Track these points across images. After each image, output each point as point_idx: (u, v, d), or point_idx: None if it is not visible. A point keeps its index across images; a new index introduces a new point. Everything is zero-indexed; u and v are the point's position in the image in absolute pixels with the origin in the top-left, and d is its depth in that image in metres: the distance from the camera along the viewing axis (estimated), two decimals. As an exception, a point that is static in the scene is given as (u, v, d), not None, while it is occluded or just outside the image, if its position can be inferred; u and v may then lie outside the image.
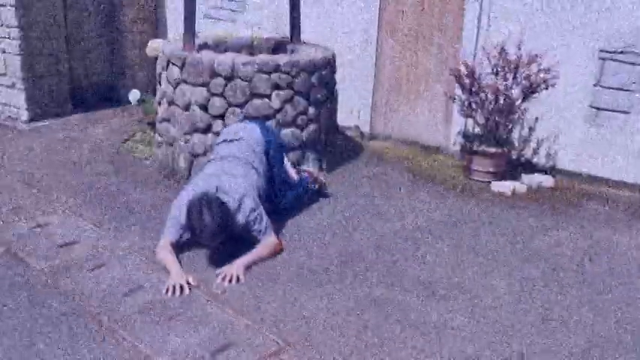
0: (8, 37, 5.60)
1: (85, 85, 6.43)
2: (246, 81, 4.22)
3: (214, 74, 4.22)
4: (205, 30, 6.00)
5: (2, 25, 5.58)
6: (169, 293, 2.92)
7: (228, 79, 4.21)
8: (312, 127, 4.55)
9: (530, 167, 4.98)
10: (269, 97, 4.29)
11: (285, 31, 5.36)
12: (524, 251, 3.62)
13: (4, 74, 5.76)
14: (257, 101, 4.27)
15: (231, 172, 3.42)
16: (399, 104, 5.64)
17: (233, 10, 6.39)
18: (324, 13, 5.77)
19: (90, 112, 6.18)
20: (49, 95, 5.93)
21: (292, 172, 4.12)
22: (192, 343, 2.58)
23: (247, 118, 4.19)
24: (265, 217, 3.36)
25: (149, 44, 5.39)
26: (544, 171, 4.91)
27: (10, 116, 5.86)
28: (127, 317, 2.75)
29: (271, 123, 4.29)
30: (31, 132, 5.52)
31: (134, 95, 5.81)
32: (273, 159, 3.77)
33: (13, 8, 5.46)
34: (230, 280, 3.04)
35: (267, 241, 3.34)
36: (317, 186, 4.25)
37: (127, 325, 2.69)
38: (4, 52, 5.67)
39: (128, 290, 2.98)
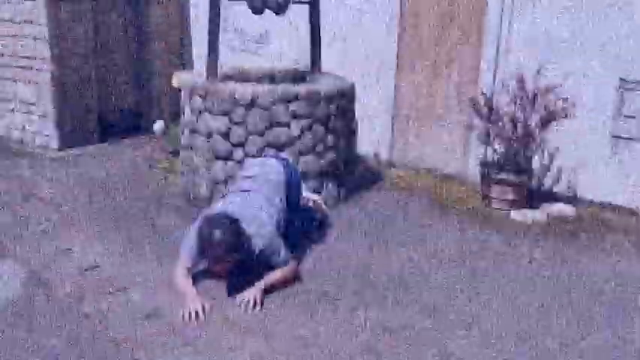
0: (41, 69, 5.83)
1: (112, 115, 6.64)
2: (266, 110, 4.32)
3: (235, 104, 4.33)
4: (229, 61, 6.16)
5: (36, 58, 5.83)
6: (186, 318, 2.97)
7: (249, 108, 4.32)
8: (330, 155, 4.62)
9: (551, 196, 4.95)
10: (288, 125, 4.38)
11: (307, 62, 5.47)
12: (543, 281, 3.59)
13: (37, 103, 5.98)
14: (277, 130, 4.36)
15: (251, 204, 3.41)
16: (418, 133, 5.69)
17: (257, 43, 6.56)
18: (344, 44, 5.90)
19: (117, 141, 6.37)
20: (78, 124, 6.13)
21: (305, 201, 4.19)
22: (208, 367, 2.62)
23: (269, 154, 4.25)
24: (285, 248, 3.36)
25: (175, 76, 5.56)
26: (565, 200, 4.88)
27: (41, 144, 6.07)
28: (145, 341, 2.80)
29: (290, 151, 4.39)
30: (60, 160, 5.70)
31: (159, 126, 5.98)
32: (292, 194, 3.79)
33: (47, 41, 5.71)
34: (253, 306, 3.07)
35: (285, 267, 3.34)
36: (321, 215, 4.24)
37: (144, 348, 2.75)
38: (36, 82, 5.91)
39: (147, 314, 3.04)
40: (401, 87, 5.68)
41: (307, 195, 4.29)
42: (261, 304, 3.10)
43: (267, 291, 3.22)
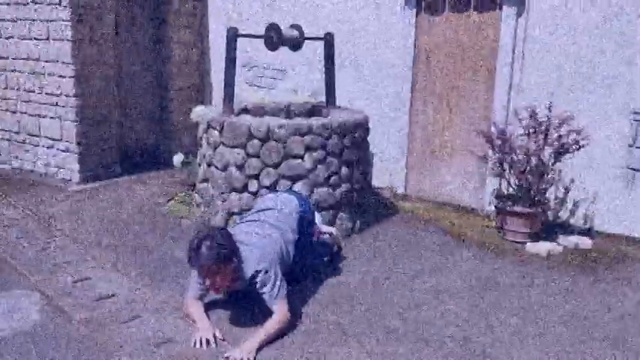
0: (66, 106, 6.03)
1: (133, 149, 6.81)
2: (280, 142, 4.41)
3: (251, 137, 4.43)
4: (247, 95, 6.32)
5: (61, 95, 6.03)
6: (197, 345, 2.99)
7: (264, 141, 4.41)
8: (344, 187, 4.67)
9: (567, 228, 4.92)
10: (302, 157, 4.46)
11: (322, 96, 5.59)
12: (559, 313, 3.54)
13: (60, 139, 6.17)
14: (291, 162, 4.44)
15: (256, 232, 3.42)
16: (433, 165, 5.73)
17: (273, 78, 6.72)
18: (359, 79, 6.01)
19: (137, 175, 6.50)
20: (99, 159, 6.29)
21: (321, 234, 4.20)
22: (217, 395, 2.63)
23: (282, 190, 4.31)
24: (280, 284, 3.20)
25: (193, 110, 5.71)
26: (581, 232, 4.84)
27: (63, 178, 6.22)
28: (156, 368, 2.84)
29: (304, 183, 4.45)
30: (80, 193, 5.84)
31: (178, 158, 6.10)
32: (305, 229, 3.76)
33: (72, 79, 5.92)
34: None
35: (277, 315, 3.14)
36: (336, 248, 4.25)
37: (155, 375, 2.77)
38: (60, 118, 6.10)
39: (160, 342, 3.07)
40: (415, 120, 5.74)
41: (322, 227, 4.33)
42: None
43: (259, 348, 3.00)
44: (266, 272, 3.17)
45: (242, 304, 3.43)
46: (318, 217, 4.26)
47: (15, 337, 3.08)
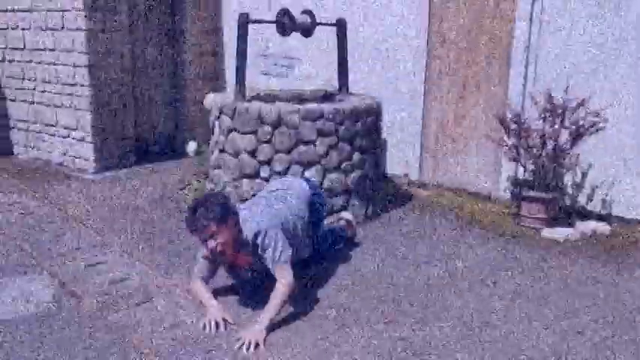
0: (81, 95, 6.07)
1: (148, 139, 6.83)
2: (292, 128, 4.38)
3: (262, 122, 4.41)
4: (260, 84, 6.29)
5: (76, 84, 6.07)
6: (207, 329, 2.99)
7: (275, 126, 4.39)
8: (356, 173, 4.64)
9: (584, 214, 4.82)
10: (314, 143, 4.43)
11: (335, 84, 5.54)
12: (576, 297, 3.48)
13: (76, 128, 6.21)
14: (302, 147, 4.41)
15: (260, 202, 3.41)
16: (448, 152, 5.66)
17: (286, 67, 6.69)
18: (372, 65, 5.95)
19: (152, 164, 6.53)
20: (115, 148, 6.33)
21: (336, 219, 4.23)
22: (226, 375, 2.63)
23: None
24: (282, 247, 3.09)
25: (206, 97, 5.69)
26: (599, 218, 4.74)
27: (79, 167, 6.27)
28: (169, 349, 2.83)
29: (316, 168, 4.42)
30: (96, 182, 5.88)
31: (191, 147, 6.13)
32: (315, 214, 3.70)
33: (87, 69, 5.95)
34: (249, 347, 2.81)
35: (280, 283, 3.06)
36: (350, 234, 4.23)
37: (167, 356, 2.77)
38: (76, 108, 6.14)
39: (171, 325, 3.08)
40: (430, 106, 5.68)
41: (339, 214, 4.34)
42: (261, 346, 2.84)
43: (272, 322, 3.00)
44: (267, 233, 3.07)
45: (250, 289, 3.42)
46: (347, 214, 4.33)
47: (28, 319, 3.11)
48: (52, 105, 6.38)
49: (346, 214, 4.37)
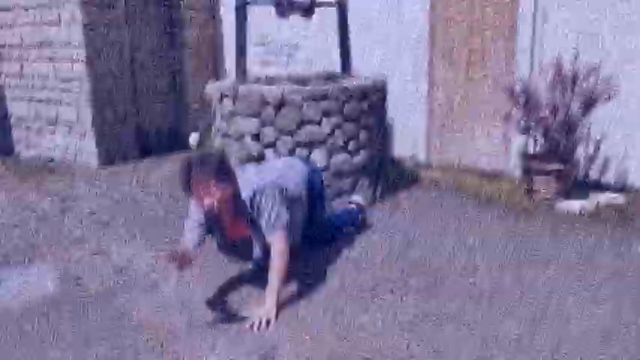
0: (80, 90, 5.99)
1: (150, 132, 6.75)
2: (295, 109, 4.28)
3: (265, 104, 4.31)
4: (261, 71, 6.21)
5: (75, 79, 6.00)
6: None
7: (278, 107, 4.29)
8: (363, 153, 4.53)
9: (598, 187, 4.70)
10: (319, 123, 4.33)
11: (337, 68, 5.43)
12: (594, 265, 3.36)
13: (77, 123, 6.14)
14: (307, 128, 4.31)
15: (260, 169, 3.29)
16: (455, 131, 5.55)
17: (287, 55, 6.59)
18: (374, 46, 5.85)
19: (155, 157, 6.45)
20: (117, 142, 6.25)
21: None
22: (238, 353, 2.53)
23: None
24: (279, 210, 2.92)
25: (208, 86, 5.60)
26: (614, 190, 4.62)
27: (81, 162, 6.20)
28: (175, 331, 2.75)
29: (322, 149, 4.32)
30: (99, 175, 5.80)
31: (194, 138, 6.04)
32: (315, 196, 3.50)
33: (85, 63, 5.87)
34: (259, 326, 2.72)
35: (275, 251, 2.90)
36: (361, 217, 4.09)
37: (174, 338, 2.69)
38: (76, 102, 6.07)
39: (177, 307, 2.99)
40: (435, 84, 5.57)
41: (349, 198, 4.26)
42: (276, 318, 2.78)
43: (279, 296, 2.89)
44: (264, 193, 2.91)
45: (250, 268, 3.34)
46: (357, 198, 4.23)
47: (31, 305, 3.03)
48: (52, 101, 6.30)
49: (356, 197, 4.26)
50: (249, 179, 3.01)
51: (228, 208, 2.94)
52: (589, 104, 4.28)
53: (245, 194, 2.93)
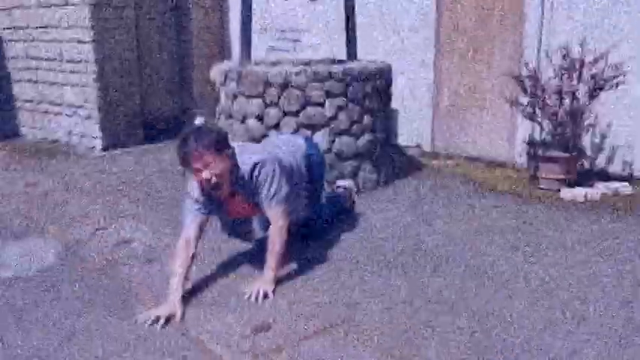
0: (86, 72, 5.98)
1: (156, 117, 6.74)
2: (299, 90, 4.26)
3: (268, 85, 4.29)
4: (265, 57, 6.19)
5: (81, 61, 5.99)
6: (145, 322, 2.55)
7: (282, 88, 4.26)
8: (367, 136, 4.50)
9: (605, 177, 4.65)
10: (322, 105, 4.30)
11: (343, 57, 5.39)
12: (598, 250, 3.32)
13: (82, 106, 6.13)
14: (311, 109, 4.28)
15: (259, 145, 3.25)
16: (461, 120, 5.50)
17: (292, 40, 6.57)
18: (380, 32, 5.81)
19: (160, 142, 6.42)
20: (122, 126, 6.23)
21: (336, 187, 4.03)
22: (233, 323, 2.52)
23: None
24: (279, 184, 2.86)
25: (213, 68, 5.58)
26: (621, 180, 4.56)
27: (86, 146, 6.19)
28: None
29: (325, 132, 4.30)
30: (103, 158, 5.79)
31: (199, 122, 6.00)
32: (314, 174, 3.40)
33: (92, 44, 5.86)
34: (257, 298, 2.70)
35: (274, 226, 2.87)
36: (350, 204, 3.95)
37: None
38: (81, 85, 6.06)
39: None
40: (440, 74, 5.53)
41: (339, 182, 4.15)
42: (269, 295, 2.74)
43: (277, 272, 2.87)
44: (264, 165, 2.84)
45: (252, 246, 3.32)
46: (347, 182, 4.14)
47: (30, 276, 3.02)
48: (57, 83, 6.30)
49: (344, 182, 4.09)
50: (248, 154, 2.94)
51: (227, 182, 2.83)
52: (596, 89, 4.22)
53: (244, 168, 2.85)
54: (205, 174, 2.71)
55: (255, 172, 2.84)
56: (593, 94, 4.25)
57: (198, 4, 6.88)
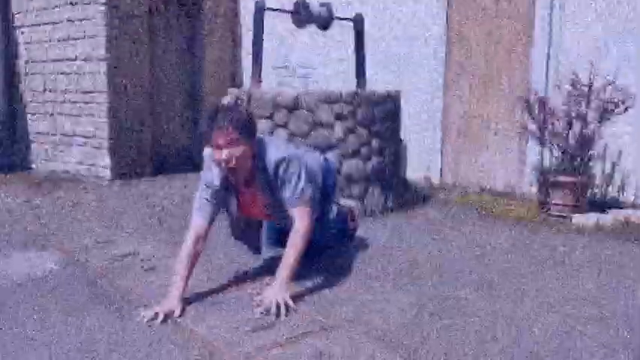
0: (100, 102, 6.08)
1: (166, 150, 6.79)
2: (308, 111, 4.29)
3: (278, 106, 4.33)
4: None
5: (94, 91, 6.10)
6: (145, 320, 2.43)
7: (292, 110, 4.30)
8: (375, 159, 4.49)
9: (616, 205, 4.57)
10: (332, 127, 4.31)
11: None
12: (604, 271, 3.23)
13: (94, 137, 6.20)
14: (320, 131, 4.29)
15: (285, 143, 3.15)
16: (470, 151, 5.50)
17: (303, 76, 6.68)
18: (390, 65, 5.90)
19: (169, 174, 6.44)
20: (132, 157, 6.28)
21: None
22: (232, 322, 2.43)
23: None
24: (305, 181, 2.70)
25: (228, 93, 5.59)
26: (632, 208, 4.49)
27: (95, 175, 6.22)
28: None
29: (334, 153, 4.29)
30: (112, 187, 5.80)
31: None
32: (327, 190, 3.26)
33: (106, 75, 5.99)
34: (278, 311, 2.46)
35: (299, 225, 2.68)
36: (352, 227, 3.66)
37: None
38: (94, 115, 6.15)
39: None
40: (449, 106, 5.57)
41: (341, 202, 3.87)
42: (290, 304, 2.52)
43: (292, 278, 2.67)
44: (290, 163, 2.68)
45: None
46: (350, 202, 4.03)
47: (32, 281, 2.97)
48: (71, 114, 6.39)
49: (349, 202, 3.97)
50: (273, 148, 2.77)
51: (245, 169, 2.67)
52: (604, 113, 4.22)
53: (268, 161, 2.68)
54: (225, 153, 2.55)
55: (282, 166, 2.69)
56: (602, 119, 4.24)
57: (211, 38, 7.04)
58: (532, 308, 2.60)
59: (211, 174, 2.75)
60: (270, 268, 2.94)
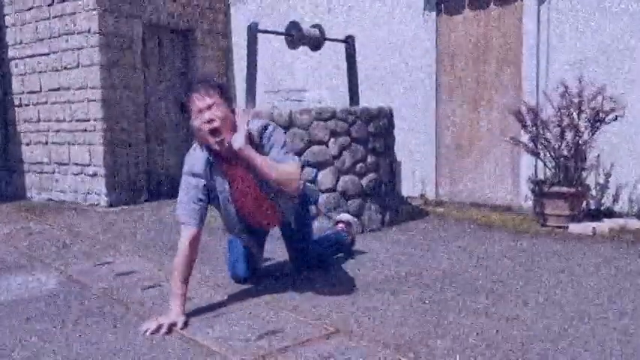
0: (94, 130, 6.11)
1: (161, 177, 6.80)
2: (303, 129, 4.33)
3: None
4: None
5: (89, 119, 6.14)
6: (147, 331, 2.42)
7: (287, 127, 4.33)
8: (371, 175, 4.52)
9: (611, 215, 4.61)
10: (327, 144, 4.35)
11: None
12: (602, 273, 3.24)
13: (89, 164, 6.21)
14: (315, 148, 4.33)
15: None
16: (464, 167, 5.54)
17: (296, 100, 6.75)
18: (382, 88, 5.98)
19: (164, 201, 6.44)
20: (128, 184, 6.28)
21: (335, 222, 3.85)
22: (237, 330, 2.42)
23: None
24: (292, 149, 2.81)
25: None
26: (627, 217, 4.53)
27: (91, 202, 6.21)
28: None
29: (330, 170, 4.32)
30: (107, 213, 5.78)
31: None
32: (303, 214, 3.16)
33: (100, 103, 6.03)
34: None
35: (284, 165, 2.61)
36: (349, 239, 3.69)
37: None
38: (89, 143, 6.17)
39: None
40: (442, 125, 5.63)
41: (340, 216, 3.92)
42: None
43: (251, 161, 2.54)
44: (275, 129, 2.70)
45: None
46: (346, 215, 4.02)
47: (33, 299, 2.94)
48: (65, 143, 6.41)
49: (345, 216, 3.89)
50: (253, 119, 2.75)
51: (228, 131, 2.58)
52: (596, 121, 4.28)
53: (252, 127, 2.64)
54: (208, 114, 2.55)
55: (267, 133, 2.67)
56: (593, 127, 4.30)
57: (204, 60, 7.12)
58: (536, 309, 2.61)
59: (195, 164, 2.72)
60: (270, 274, 2.94)
